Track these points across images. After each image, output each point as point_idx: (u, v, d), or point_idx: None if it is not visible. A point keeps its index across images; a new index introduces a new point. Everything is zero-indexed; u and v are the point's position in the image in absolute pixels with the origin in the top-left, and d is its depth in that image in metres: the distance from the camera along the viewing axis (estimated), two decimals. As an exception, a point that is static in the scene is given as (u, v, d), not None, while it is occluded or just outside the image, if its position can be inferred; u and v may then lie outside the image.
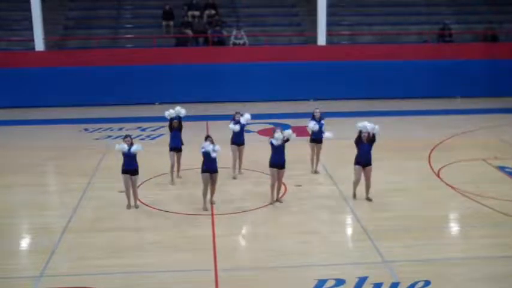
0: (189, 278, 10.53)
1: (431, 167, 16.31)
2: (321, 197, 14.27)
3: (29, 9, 23.97)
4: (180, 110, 14.99)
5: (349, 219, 13.12)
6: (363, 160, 13.69)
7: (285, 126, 20.22)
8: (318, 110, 15.79)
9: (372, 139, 13.68)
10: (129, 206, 13.52)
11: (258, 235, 12.40)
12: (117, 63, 24.12)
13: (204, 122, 20.54)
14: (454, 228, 13.06)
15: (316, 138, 15.71)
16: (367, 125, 13.65)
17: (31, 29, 24.11)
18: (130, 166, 13.28)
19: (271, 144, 13.52)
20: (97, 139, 19.34)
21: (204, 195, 13.45)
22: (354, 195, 14.05)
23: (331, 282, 10.23)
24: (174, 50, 25.13)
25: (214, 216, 13.12)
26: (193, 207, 13.57)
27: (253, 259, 11.28)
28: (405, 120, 21.79)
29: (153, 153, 15.41)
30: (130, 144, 13.30)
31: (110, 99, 24.18)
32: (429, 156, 17.15)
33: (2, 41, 25.43)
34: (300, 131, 17.14)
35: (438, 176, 15.62)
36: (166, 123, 15.59)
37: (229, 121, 15.65)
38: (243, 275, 10.65)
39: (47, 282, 10.37)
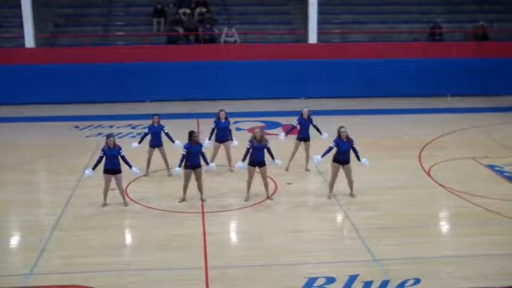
0: (179, 275, 10.52)
1: (421, 165, 16.36)
2: (312, 195, 14.30)
3: (19, 6, 23.86)
4: None
5: (339, 218, 13.14)
6: (342, 158, 13.70)
7: (275, 124, 20.35)
8: (306, 109, 15.77)
9: (351, 139, 13.77)
10: (104, 205, 13.45)
11: (249, 233, 12.40)
12: (108, 60, 24.04)
13: (195, 120, 20.51)
14: (444, 226, 13.11)
15: (303, 137, 15.70)
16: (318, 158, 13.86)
17: (21, 25, 24.00)
18: (112, 165, 13.18)
19: (251, 144, 13.53)
20: (87, 137, 19.28)
21: (185, 189, 13.61)
22: (330, 195, 14.03)
23: (322, 280, 10.24)
24: (165, 47, 25.08)
25: (205, 214, 13.11)
26: (184, 205, 13.57)
27: (244, 257, 11.29)
28: (395, 118, 21.83)
29: (143, 151, 15.36)
30: (113, 145, 13.22)
31: (100, 97, 24.10)
32: (419, 155, 17.20)
33: (-8, 37, 25.35)
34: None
35: (428, 174, 15.67)
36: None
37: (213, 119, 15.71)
38: (234, 273, 10.64)
39: (37, 280, 10.33)
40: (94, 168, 13.24)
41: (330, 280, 10.25)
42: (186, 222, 12.73)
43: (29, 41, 24.00)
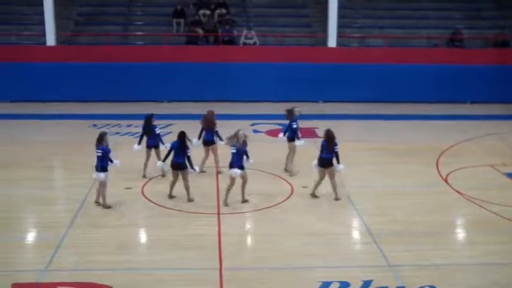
0: (193, 276, 10.54)
1: (439, 171, 16.26)
2: (327, 199, 14.23)
3: (41, 4, 24.05)
4: None
5: (354, 222, 13.10)
6: None
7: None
8: (297, 109, 15.81)
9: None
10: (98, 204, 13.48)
11: (263, 235, 12.39)
12: (127, 60, 24.15)
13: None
14: (460, 233, 13.02)
15: (289, 137, 15.74)
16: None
17: (43, 23, 24.20)
18: (106, 164, 13.26)
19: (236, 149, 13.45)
20: (105, 135, 19.35)
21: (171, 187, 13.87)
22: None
23: (336, 285, 10.21)
24: (184, 48, 25.15)
25: (220, 215, 13.13)
26: (199, 205, 13.60)
27: (258, 259, 11.28)
28: (414, 124, 21.73)
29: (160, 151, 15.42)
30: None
31: (118, 96, 24.21)
32: (437, 161, 17.10)
33: (14, 35, 25.54)
34: (308, 133, 17.12)
35: (446, 181, 15.57)
36: (175, 122, 15.65)
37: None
38: (247, 274, 10.65)
39: (52, 277, 10.40)
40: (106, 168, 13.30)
41: (344, 285, 10.23)
42: (201, 222, 12.75)
43: (50, 39, 24.18)
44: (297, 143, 15.61)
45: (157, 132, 15.23)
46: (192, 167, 13.54)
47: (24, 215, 13.44)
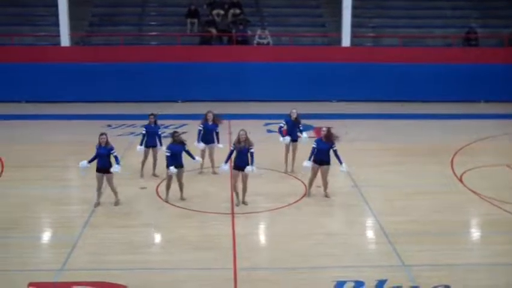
0: (207, 276, 10.57)
1: (453, 171, 16.19)
2: (341, 199, 14.22)
3: (55, 5, 24.20)
4: None
5: (369, 222, 13.07)
6: (319, 158, 13.77)
7: (306, 127, 20.25)
8: (294, 111, 15.77)
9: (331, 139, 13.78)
10: (97, 204, 13.49)
11: (278, 235, 12.40)
12: (141, 60, 24.26)
13: (226, 121, 20.55)
14: (475, 233, 12.95)
15: (291, 138, 15.73)
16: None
17: (57, 24, 24.34)
18: (104, 165, 13.29)
19: (234, 148, 13.40)
20: (120, 135, 19.43)
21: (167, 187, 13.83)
22: (309, 192, 14.23)
23: (350, 284, 10.21)
24: (198, 48, 25.21)
25: (235, 215, 13.15)
26: (213, 205, 13.63)
27: (272, 259, 11.30)
28: (428, 123, 21.64)
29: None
30: (105, 143, 13.33)
31: (133, 96, 24.32)
32: (452, 161, 17.03)
33: (29, 36, 25.71)
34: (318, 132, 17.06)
35: (460, 180, 15.50)
36: (189, 121, 15.67)
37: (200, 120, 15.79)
38: (262, 274, 10.66)
39: (67, 276, 10.48)
40: (90, 161, 13.44)
41: (358, 284, 10.22)
42: (215, 223, 12.77)
43: (65, 40, 24.34)
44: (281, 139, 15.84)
45: (143, 132, 15.33)
46: (168, 167, 13.56)
47: (40, 214, 13.53)
